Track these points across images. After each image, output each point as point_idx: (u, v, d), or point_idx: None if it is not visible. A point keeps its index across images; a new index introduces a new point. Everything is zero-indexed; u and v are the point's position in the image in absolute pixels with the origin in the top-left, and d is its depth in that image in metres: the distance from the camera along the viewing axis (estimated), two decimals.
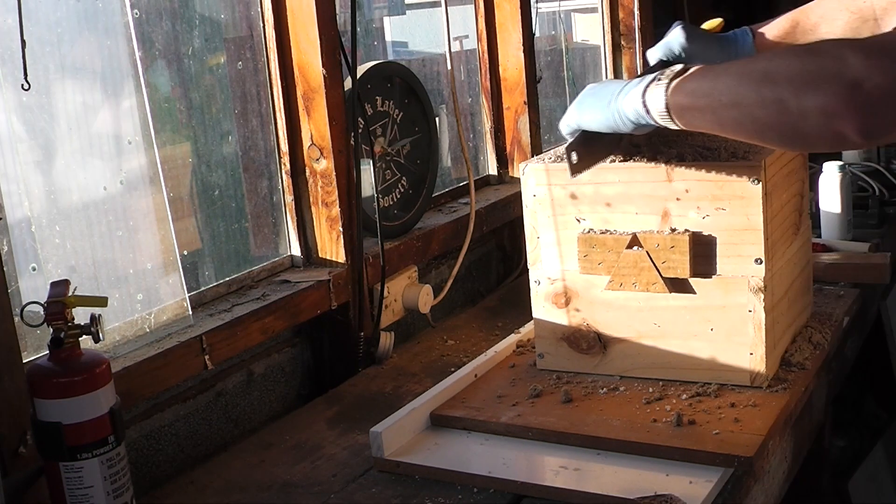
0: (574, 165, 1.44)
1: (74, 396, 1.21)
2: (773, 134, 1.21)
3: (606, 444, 1.41)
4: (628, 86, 1.37)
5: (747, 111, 1.20)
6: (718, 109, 1.24)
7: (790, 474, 1.63)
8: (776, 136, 1.21)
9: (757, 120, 1.20)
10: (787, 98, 1.14)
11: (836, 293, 1.93)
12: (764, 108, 1.18)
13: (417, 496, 1.36)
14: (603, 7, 3.20)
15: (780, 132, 1.19)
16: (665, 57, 1.60)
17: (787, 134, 1.19)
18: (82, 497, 1.22)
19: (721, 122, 1.26)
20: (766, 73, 1.18)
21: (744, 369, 1.52)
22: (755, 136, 1.25)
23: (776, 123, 1.18)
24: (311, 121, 1.84)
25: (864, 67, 1.07)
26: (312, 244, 1.91)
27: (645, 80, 1.35)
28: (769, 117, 1.18)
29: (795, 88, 1.14)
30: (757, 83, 1.19)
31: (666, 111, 1.31)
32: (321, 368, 1.90)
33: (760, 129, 1.21)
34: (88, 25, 1.53)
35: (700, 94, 1.27)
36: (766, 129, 1.20)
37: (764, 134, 1.22)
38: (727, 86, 1.24)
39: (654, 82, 1.33)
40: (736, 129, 1.26)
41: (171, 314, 1.61)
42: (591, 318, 1.61)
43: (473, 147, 2.55)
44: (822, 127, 1.12)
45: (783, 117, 1.16)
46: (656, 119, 1.33)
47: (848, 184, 2.27)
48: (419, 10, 2.57)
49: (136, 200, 1.60)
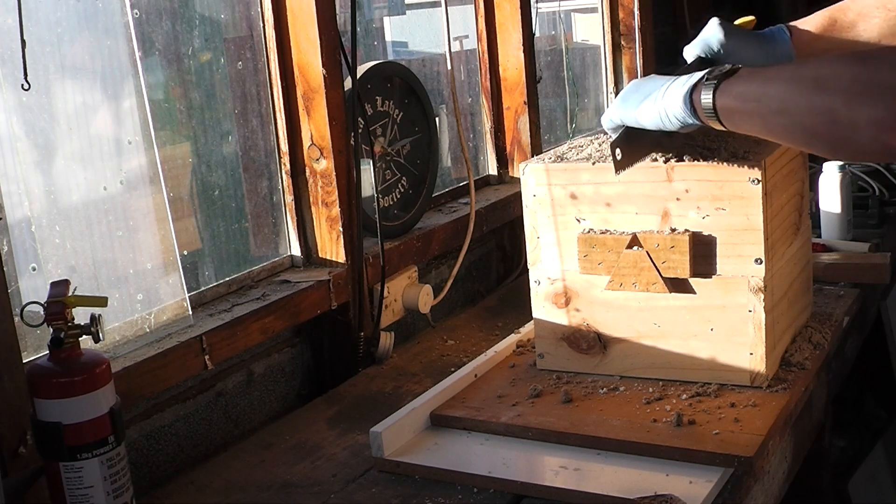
0: (618, 162, 1.43)
1: (74, 396, 1.21)
2: (822, 143, 1.18)
3: (606, 444, 1.41)
4: (675, 83, 1.36)
5: (796, 119, 1.18)
6: (767, 115, 1.23)
7: (790, 474, 1.63)
8: (824, 146, 1.19)
9: (806, 128, 1.18)
10: (838, 108, 1.12)
11: (836, 293, 1.93)
12: (813, 117, 1.15)
13: (417, 496, 1.36)
14: (603, 7, 3.19)
15: (829, 142, 1.17)
16: (703, 53, 1.57)
17: (835, 144, 1.16)
18: (82, 497, 1.22)
19: (769, 128, 1.24)
20: (818, 81, 1.16)
21: (744, 369, 1.52)
22: (803, 144, 1.24)
23: (825, 133, 1.15)
24: (311, 121, 1.85)
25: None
26: (312, 244, 1.91)
27: (692, 79, 1.33)
28: (818, 126, 1.15)
29: (847, 98, 1.11)
30: (807, 91, 1.17)
31: (713, 112, 1.29)
32: (321, 368, 1.90)
33: (809, 137, 1.19)
34: (88, 25, 1.53)
35: (749, 98, 1.26)
36: (815, 138, 1.18)
37: (812, 142, 1.20)
38: (777, 92, 1.22)
39: (703, 82, 1.31)
40: (784, 136, 1.24)
41: (171, 314, 1.61)
42: (591, 318, 1.61)
43: (473, 147, 2.55)
44: (873, 140, 1.09)
45: (833, 127, 1.13)
46: (704, 120, 1.32)
47: (848, 184, 2.27)
48: (419, 10, 2.57)
49: (136, 200, 1.60)
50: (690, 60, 1.58)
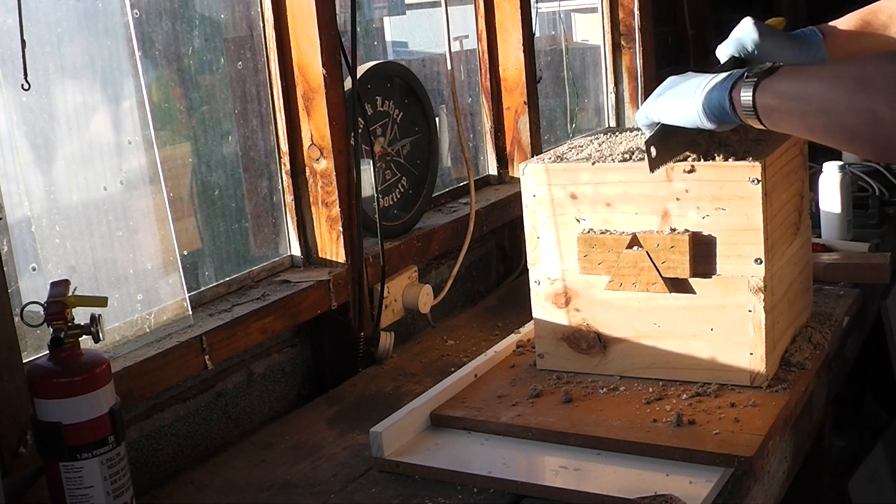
0: (653, 160, 1.43)
1: (74, 396, 1.21)
2: (863, 143, 1.18)
3: (606, 444, 1.41)
4: (713, 81, 1.35)
5: (838, 118, 1.17)
6: (808, 114, 1.22)
7: (790, 474, 1.63)
8: (867, 146, 1.19)
9: (847, 128, 1.17)
10: (879, 108, 1.11)
11: (836, 293, 1.93)
12: (855, 117, 1.15)
13: (417, 496, 1.36)
14: (603, 7, 3.19)
15: (871, 142, 1.16)
16: (737, 53, 1.55)
17: (878, 144, 1.15)
18: (82, 497, 1.22)
19: (809, 127, 1.23)
20: (860, 80, 1.15)
21: (744, 369, 1.52)
22: (844, 144, 1.23)
23: (867, 133, 1.14)
24: (311, 121, 1.85)
25: None
26: (312, 244, 1.91)
27: (732, 77, 1.32)
28: (860, 126, 1.14)
29: (889, 98, 1.10)
30: (849, 90, 1.16)
31: (753, 110, 1.28)
32: (321, 368, 1.90)
33: (850, 137, 1.18)
34: (88, 25, 1.53)
35: (790, 96, 1.25)
36: (856, 138, 1.17)
37: (853, 142, 1.20)
38: (818, 90, 1.21)
39: (742, 80, 1.30)
40: (825, 135, 1.23)
41: (171, 314, 1.61)
42: (591, 318, 1.61)
43: (473, 147, 2.55)
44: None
45: (875, 127, 1.12)
46: (743, 119, 1.31)
47: (848, 184, 2.27)
48: (419, 10, 2.57)
49: (136, 200, 1.60)
50: (724, 60, 1.57)
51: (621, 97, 3.27)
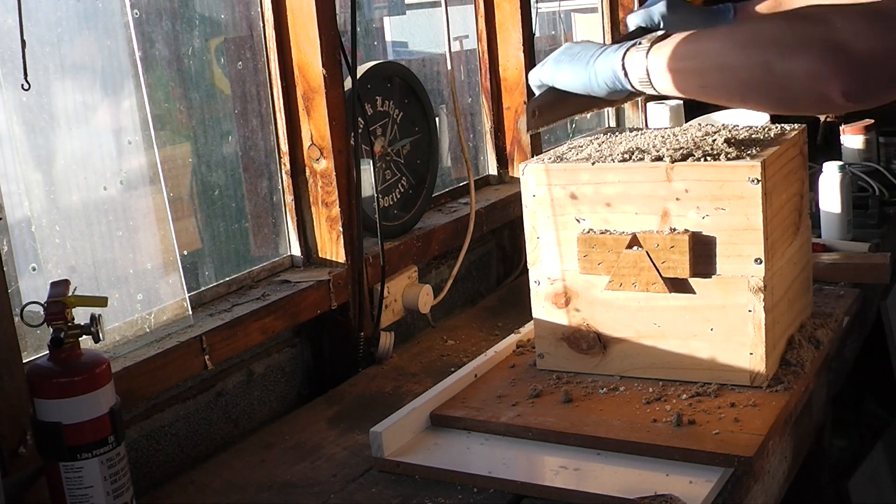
0: (532, 121, 1.46)
1: (74, 396, 1.21)
2: (759, 95, 1.22)
3: (606, 444, 1.41)
4: (608, 49, 1.37)
5: (733, 73, 1.21)
6: (704, 72, 1.25)
7: (790, 474, 1.63)
8: (762, 98, 1.23)
9: (743, 82, 1.21)
10: (773, 60, 1.16)
11: (836, 293, 1.93)
12: (750, 70, 1.19)
13: (417, 496, 1.36)
14: (603, 7, 3.20)
15: (766, 94, 1.20)
16: (644, 23, 1.60)
17: (772, 95, 1.20)
18: (82, 497, 1.22)
19: (705, 83, 1.26)
20: (753, 36, 1.20)
21: (744, 369, 1.52)
22: (739, 99, 1.26)
23: (762, 85, 1.19)
24: (311, 121, 1.85)
25: (850, 31, 1.09)
26: (312, 244, 1.91)
27: (625, 45, 1.35)
28: (755, 79, 1.19)
29: (781, 50, 1.15)
30: (743, 46, 1.20)
31: (646, 75, 1.31)
32: (321, 368, 1.90)
33: (746, 90, 1.22)
34: (88, 25, 1.53)
35: (684, 56, 1.27)
36: (752, 90, 1.21)
37: (749, 96, 1.23)
38: (713, 48, 1.24)
39: (635, 47, 1.33)
40: (721, 91, 1.26)
41: (171, 314, 1.61)
42: (591, 318, 1.61)
43: (473, 147, 2.55)
44: (808, 89, 1.14)
45: (769, 78, 1.17)
46: (635, 84, 1.34)
47: (848, 184, 2.27)
48: (419, 10, 2.57)
49: (136, 200, 1.60)
50: (631, 29, 1.60)
51: None
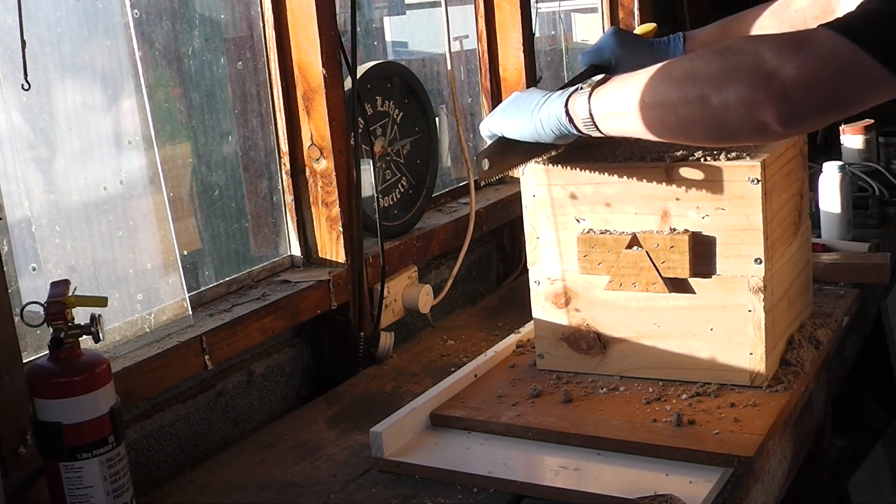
0: (484, 172, 1.49)
1: (74, 396, 1.21)
2: (699, 129, 1.24)
3: (606, 444, 1.41)
4: (552, 96, 1.41)
5: (671, 110, 1.24)
6: (643, 111, 1.28)
7: (790, 474, 1.63)
8: (701, 131, 1.25)
9: (682, 117, 1.24)
10: (709, 93, 1.19)
11: (836, 293, 1.93)
12: (688, 106, 1.22)
13: (417, 496, 1.36)
14: (603, 7, 3.20)
15: (705, 127, 1.23)
16: (595, 62, 1.64)
17: (711, 128, 1.22)
18: (82, 497, 1.22)
19: (647, 122, 1.28)
20: (688, 73, 1.23)
21: (744, 369, 1.52)
22: (680, 134, 1.29)
23: (700, 119, 1.22)
24: (311, 121, 1.84)
25: (777, 59, 1.13)
26: (312, 244, 1.91)
27: (567, 91, 1.38)
28: (693, 113, 1.22)
29: (716, 83, 1.19)
30: (679, 82, 1.23)
31: (590, 119, 1.35)
32: (321, 368, 1.90)
33: (686, 125, 1.25)
34: (88, 25, 1.53)
35: (624, 98, 1.30)
36: (691, 125, 1.24)
37: (689, 130, 1.26)
38: (650, 87, 1.27)
39: (577, 92, 1.36)
40: (661, 128, 1.29)
41: (171, 314, 1.61)
42: (591, 318, 1.61)
43: (473, 147, 2.55)
44: (744, 118, 1.17)
45: (707, 112, 1.20)
46: (580, 128, 1.37)
47: (848, 184, 2.27)
48: (419, 10, 2.57)
49: (136, 200, 1.60)
50: (583, 68, 1.64)
51: None
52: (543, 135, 1.42)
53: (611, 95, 1.33)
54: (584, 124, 1.36)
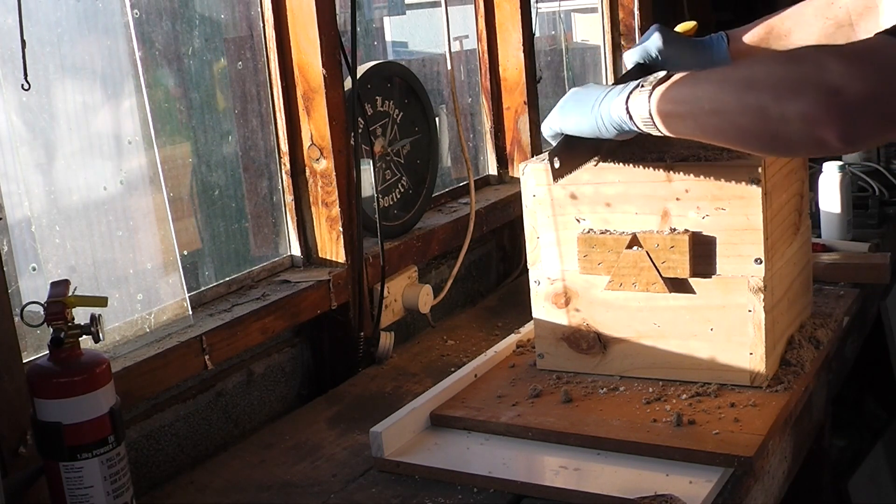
0: (556, 170, 1.47)
1: (74, 396, 1.21)
2: (755, 140, 1.22)
3: (606, 444, 1.41)
4: (611, 92, 1.39)
5: (729, 118, 1.22)
6: (700, 116, 1.26)
7: (790, 474, 1.64)
8: (757, 143, 1.23)
9: (738, 127, 1.21)
10: (768, 105, 1.15)
11: (836, 293, 1.93)
12: (745, 115, 1.19)
13: (417, 496, 1.36)
14: (603, 7, 3.19)
15: (762, 139, 1.20)
16: (641, 60, 1.62)
17: (768, 140, 1.20)
18: (82, 497, 1.22)
19: (703, 128, 1.27)
20: (748, 80, 1.19)
21: (744, 369, 1.52)
22: (737, 143, 1.27)
23: (757, 130, 1.19)
24: (311, 121, 1.84)
25: (843, 74, 1.09)
26: (312, 244, 1.91)
27: (628, 87, 1.36)
28: (751, 124, 1.19)
29: (777, 95, 1.15)
30: (739, 90, 1.20)
31: (649, 118, 1.32)
32: (321, 368, 1.90)
33: (742, 135, 1.22)
34: (88, 25, 1.53)
35: (682, 101, 1.29)
36: (748, 135, 1.21)
37: (745, 140, 1.24)
38: (709, 93, 1.25)
39: (637, 89, 1.34)
40: (718, 135, 1.27)
41: (171, 314, 1.61)
42: (591, 318, 1.61)
43: (473, 147, 2.55)
44: (803, 133, 1.13)
45: (764, 124, 1.17)
46: (639, 126, 1.35)
47: (848, 184, 2.27)
48: (419, 10, 2.57)
49: (136, 200, 1.60)
50: (630, 66, 1.61)
51: None
52: (604, 131, 1.40)
53: (670, 96, 1.30)
54: (643, 123, 1.34)
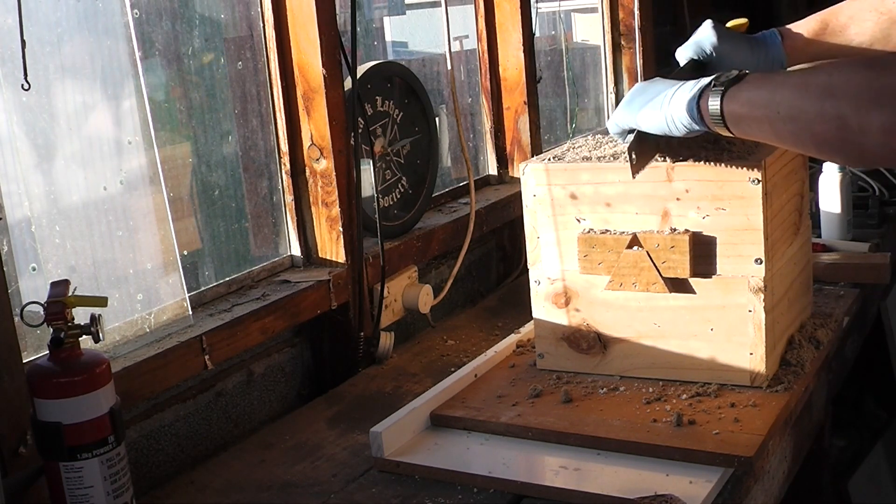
0: (634, 165, 1.44)
1: (74, 396, 1.21)
2: (832, 149, 1.19)
3: (606, 444, 1.41)
4: (681, 89, 1.35)
5: (806, 125, 1.18)
6: (776, 122, 1.23)
7: (790, 474, 1.64)
8: (835, 152, 1.20)
9: (816, 135, 1.18)
10: (848, 114, 1.12)
11: (836, 293, 1.93)
12: (823, 124, 1.16)
13: (417, 496, 1.36)
14: (603, 7, 3.19)
15: (839, 148, 1.17)
16: (696, 56, 1.58)
17: (845, 150, 1.17)
18: (82, 497, 1.22)
19: (778, 134, 1.24)
20: (827, 88, 1.16)
21: (744, 369, 1.52)
22: (813, 150, 1.24)
23: (835, 139, 1.15)
24: (311, 121, 1.85)
25: None
26: (312, 244, 1.91)
27: (699, 85, 1.33)
28: (828, 133, 1.16)
29: (857, 104, 1.12)
30: (817, 97, 1.17)
31: (721, 119, 1.29)
32: (321, 368, 1.90)
33: (819, 143, 1.19)
34: (88, 25, 1.53)
35: (757, 104, 1.25)
36: (825, 144, 1.18)
37: (822, 148, 1.21)
38: (786, 98, 1.21)
39: (710, 88, 1.31)
40: (794, 142, 1.24)
41: (171, 314, 1.61)
42: (591, 318, 1.61)
43: (473, 147, 2.55)
44: (883, 145, 1.10)
45: (843, 133, 1.14)
46: (710, 126, 1.32)
47: (848, 184, 2.27)
48: (419, 10, 2.57)
49: (136, 200, 1.60)
50: (683, 63, 1.58)
51: (621, 97, 3.26)
52: (674, 130, 1.37)
53: (745, 99, 1.27)
54: (714, 122, 1.31)
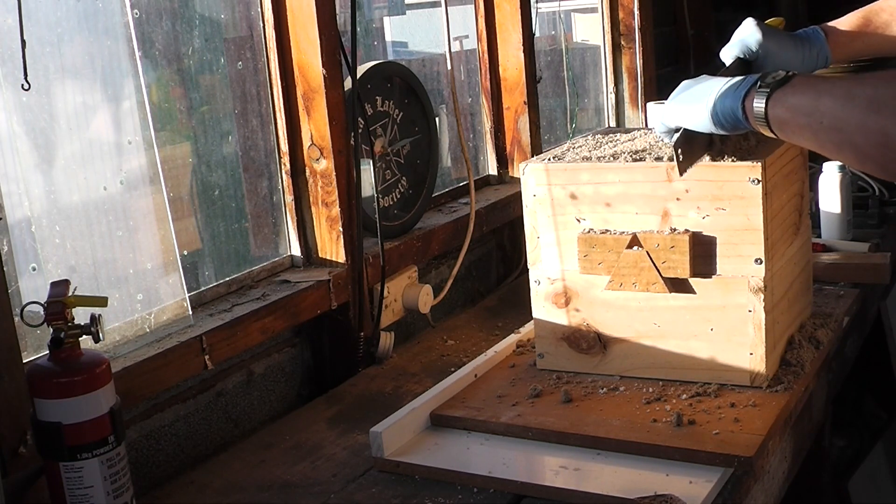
0: (681, 163, 1.43)
1: (74, 396, 1.21)
2: (874, 164, 1.18)
3: (606, 444, 1.41)
4: (727, 87, 1.35)
5: (848, 137, 1.18)
6: (819, 131, 1.22)
7: (790, 474, 1.63)
8: (876, 167, 1.19)
9: (858, 148, 1.17)
10: (891, 130, 1.11)
11: (836, 293, 1.93)
12: (866, 137, 1.15)
13: (417, 496, 1.36)
14: (603, 7, 3.19)
15: (881, 163, 1.16)
16: (742, 54, 1.56)
17: (886, 165, 1.16)
18: (82, 497, 1.22)
19: (821, 143, 1.23)
20: (873, 101, 1.15)
21: (744, 369, 1.52)
22: (855, 163, 1.23)
23: (877, 154, 1.15)
24: (311, 121, 1.85)
25: None
26: (312, 244, 1.91)
27: (745, 84, 1.32)
28: (870, 147, 1.15)
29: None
30: (861, 110, 1.16)
31: (765, 121, 1.29)
32: (321, 368, 1.90)
33: (861, 156, 1.18)
34: (88, 25, 1.53)
35: (802, 111, 1.25)
36: (867, 157, 1.18)
37: (864, 161, 1.20)
38: (831, 108, 1.20)
39: (755, 89, 1.30)
40: (836, 152, 1.24)
41: (171, 314, 1.61)
42: (591, 318, 1.61)
43: (473, 147, 2.55)
44: None
45: (885, 149, 1.13)
46: (755, 126, 1.31)
47: (848, 184, 2.27)
48: (419, 10, 2.57)
49: (136, 200, 1.60)
50: (729, 62, 1.57)
51: (621, 97, 3.27)
52: (717, 128, 1.36)
53: (790, 104, 1.26)
54: (758, 122, 1.30)
